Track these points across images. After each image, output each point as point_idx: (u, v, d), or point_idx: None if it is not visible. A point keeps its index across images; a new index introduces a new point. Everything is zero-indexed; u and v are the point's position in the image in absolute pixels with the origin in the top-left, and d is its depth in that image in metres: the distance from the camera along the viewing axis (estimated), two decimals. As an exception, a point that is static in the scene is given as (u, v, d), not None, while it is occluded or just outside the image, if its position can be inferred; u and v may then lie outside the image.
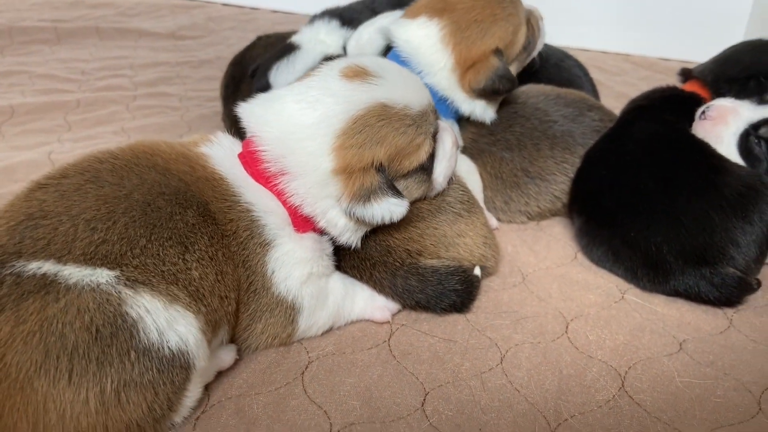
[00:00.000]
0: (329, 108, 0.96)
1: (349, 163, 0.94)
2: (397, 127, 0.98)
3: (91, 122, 1.95)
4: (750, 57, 1.44)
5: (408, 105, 1.00)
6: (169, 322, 0.80)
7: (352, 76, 0.99)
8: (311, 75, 1.04)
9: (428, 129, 1.04)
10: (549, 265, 1.35)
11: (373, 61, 1.04)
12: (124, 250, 0.81)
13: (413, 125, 1.00)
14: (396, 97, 0.99)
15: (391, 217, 0.98)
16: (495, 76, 1.32)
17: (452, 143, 1.13)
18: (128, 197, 0.86)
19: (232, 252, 0.93)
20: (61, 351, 0.73)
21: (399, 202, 0.98)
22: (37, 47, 2.65)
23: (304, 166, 0.95)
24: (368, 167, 0.95)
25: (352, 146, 0.94)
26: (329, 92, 0.97)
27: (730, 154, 1.27)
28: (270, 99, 1.02)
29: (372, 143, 0.95)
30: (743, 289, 1.19)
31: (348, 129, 0.95)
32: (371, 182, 0.95)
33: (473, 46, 1.33)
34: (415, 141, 1.00)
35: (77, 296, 0.75)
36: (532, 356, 1.07)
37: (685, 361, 1.06)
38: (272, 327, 1.01)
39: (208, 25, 3.16)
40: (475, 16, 1.33)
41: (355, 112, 0.95)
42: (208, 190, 0.94)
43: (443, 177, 1.13)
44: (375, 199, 0.96)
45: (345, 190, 0.95)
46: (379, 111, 0.96)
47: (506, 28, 1.35)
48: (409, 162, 1.02)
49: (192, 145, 1.02)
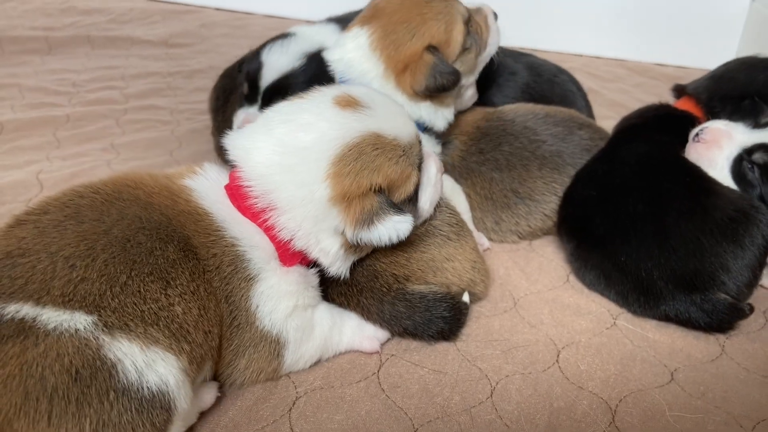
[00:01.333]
0: (324, 133, 0.95)
1: (347, 190, 0.94)
2: (391, 157, 0.98)
3: (81, 138, 1.93)
4: (744, 75, 1.42)
5: (398, 137, 1.00)
6: (148, 363, 0.80)
7: (345, 105, 0.99)
8: (301, 99, 1.03)
9: (414, 160, 1.04)
10: (540, 288, 1.34)
11: (363, 92, 1.04)
12: (103, 288, 0.81)
13: (404, 156, 1.00)
14: (387, 129, 0.99)
15: (398, 235, 0.97)
16: (434, 72, 1.26)
17: (437, 169, 1.13)
18: (108, 233, 0.85)
19: (214, 287, 0.92)
20: (40, 393, 0.73)
21: (403, 218, 0.97)
22: (28, 57, 2.62)
23: (294, 198, 0.94)
24: (367, 192, 0.95)
25: (349, 174, 0.94)
26: (323, 117, 0.97)
27: (723, 178, 1.26)
28: (254, 127, 1.01)
29: (369, 171, 0.95)
30: (735, 315, 1.18)
31: (344, 156, 0.94)
32: (372, 205, 0.95)
33: (402, 47, 1.27)
34: (405, 172, 1.01)
35: (56, 341, 0.75)
36: (522, 388, 1.06)
37: (676, 393, 1.05)
38: (256, 362, 0.99)
39: (200, 31, 3.13)
40: (402, 17, 1.28)
41: (351, 140, 0.95)
42: (191, 224, 0.93)
43: (429, 204, 1.13)
44: (379, 221, 0.95)
45: (347, 218, 0.95)
46: (374, 140, 0.97)
47: (437, 26, 1.29)
48: (399, 194, 1.02)
49: (177, 177, 1.01)
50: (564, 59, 2.83)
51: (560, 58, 2.82)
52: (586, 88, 2.14)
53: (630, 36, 2.84)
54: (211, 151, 1.84)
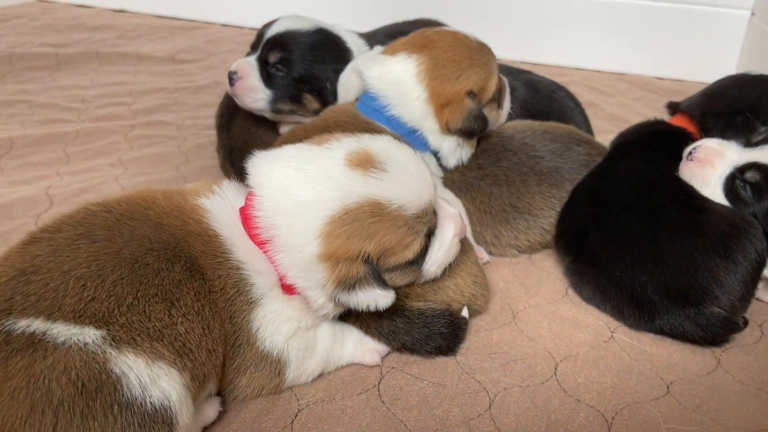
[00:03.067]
0: (325, 192, 0.95)
1: (335, 251, 0.94)
2: (388, 226, 0.96)
3: (90, 154, 1.97)
4: (737, 92, 1.45)
5: (404, 205, 0.98)
6: (152, 378, 0.82)
7: (357, 164, 0.97)
8: (317, 145, 1.03)
9: (421, 229, 1.01)
10: (539, 301, 1.36)
11: (384, 148, 1.01)
12: (111, 307, 0.84)
13: (404, 226, 0.98)
14: (392, 196, 0.97)
15: (377, 306, 0.99)
16: (470, 115, 1.36)
17: (454, 234, 1.09)
18: (118, 254, 0.88)
19: (219, 308, 0.95)
20: (46, 405, 0.75)
21: (385, 293, 0.98)
22: (38, 74, 2.68)
23: (287, 244, 0.96)
24: (355, 258, 0.95)
25: (340, 236, 0.94)
26: (329, 175, 0.96)
27: (716, 196, 1.28)
28: (277, 159, 1.02)
29: (361, 237, 0.95)
30: (729, 329, 1.20)
31: (338, 218, 0.94)
32: (357, 272, 0.95)
33: (448, 83, 1.36)
34: (404, 241, 0.99)
35: (64, 354, 0.78)
36: (520, 400, 1.08)
37: (672, 406, 1.07)
38: (257, 380, 1.02)
39: (206, 47, 3.18)
40: (453, 56, 1.37)
41: (348, 204, 0.94)
42: (198, 245, 0.95)
43: (437, 266, 1.09)
44: (360, 288, 0.96)
45: (330, 277, 0.95)
46: (372, 208, 0.95)
47: (480, 73, 1.39)
48: (395, 259, 1.00)
49: (192, 196, 1.02)
50: (565, 73, 2.87)
51: (561, 72, 2.87)
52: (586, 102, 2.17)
53: (630, 50, 2.87)
54: (216, 167, 1.88)
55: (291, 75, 1.61)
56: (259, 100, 1.63)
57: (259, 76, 1.62)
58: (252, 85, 1.62)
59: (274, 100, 1.63)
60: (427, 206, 1.02)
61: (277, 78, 1.62)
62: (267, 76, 1.62)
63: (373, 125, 1.39)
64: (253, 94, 1.63)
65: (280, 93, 1.63)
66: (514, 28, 2.98)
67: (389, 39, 1.77)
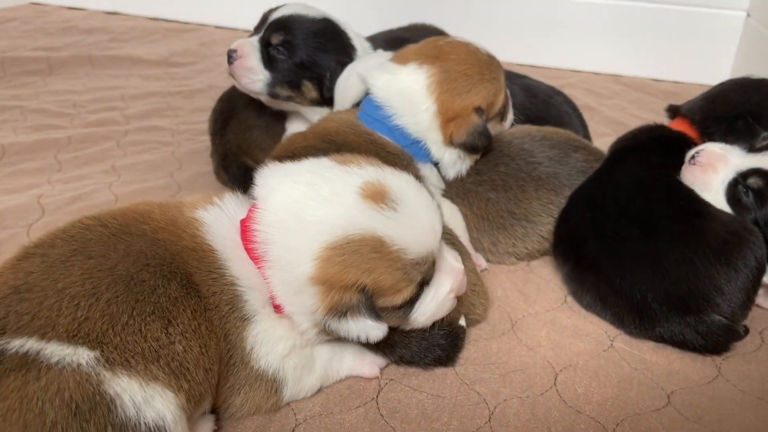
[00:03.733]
0: (331, 217, 0.92)
1: (331, 277, 0.91)
2: (386, 266, 0.93)
3: (82, 161, 1.95)
4: (738, 96, 1.44)
5: (405, 249, 0.94)
6: (146, 399, 0.81)
7: (369, 196, 0.94)
8: (338, 165, 1.00)
9: (415, 276, 0.97)
10: (538, 310, 1.35)
11: (401, 187, 0.97)
12: (105, 327, 0.82)
13: (401, 270, 0.94)
14: (397, 237, 0.93)
15: (367, 337, 0.96)
16: (475, 132, 1.36)
17: (450, 289, 1.05)
18: (113, 271, 0.86)
19: (214, 326, 0.93)
20: (39, 428, 0.73)
21: (377, 326, 0.95)
22: (30, 79, 2.65)
23: (283, 259, 0.93)
24: (351, 287, 0.92)
25: (339, 264, 0.91)
26: (339, 200, 0.93)
27: (718, 201, 1.27)
28: (290, 173, 1.00)
29: (359, 269, 0.91)
30: (729, 337, 1.19)
31: (339, 245, 0.91)
32: (351, 300, 0.92)
33: (458, 97, 1.36)
34: (397, 285, 0.95)
35: (58, 375, 0.76)
36: (520, 412, 1.07)
37: (673, 417, 1.06)
38: (252, 400, 1.00)
39: (200, 50, 3.16)
40: (466, 69, 1.37)
41: (351, 234, 0.91)
42: (193, 261, 0.93)
43: (427, 317, 1.05)
44: (352, 317, 0.93)
45: (322, 302, 0.92)
46: (375, 244, 0.92)
47: (489, 89, 1.39)
48: (384, 301, 0.97)
49: (189, 209, 1.00)
50: (561, 75, 2.86)
51: (557, 74, 2.86)
52: (583, 105, 2.16)
53: (626, 51, 2.86)
54: (210, 173, 1.86)
55: (292, 59, 1.59)
56: (257, 81, 1.60)
57: (259, 57, 1.59)
58: (251, 65, 1.59)
59: (272, 83, 1.60)
60: (427, 255, 0.98)
61: (277, 61, 1.59)
62: (268, 58, 1.59)
63: (374, 137, 1.38)
64: (251, 75, 1.60)
65: (279, 77, 1.60)
66: (511, 31, 2.97)
67: (387, 44, 1.76)
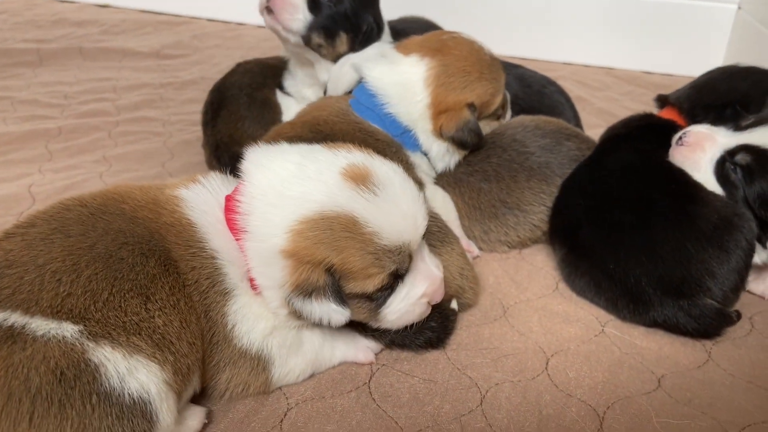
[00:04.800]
0: (310, 192, 0.92)
1: (301, 251, 0.91)
2: (357, 247, 0.92)
3: (73, 151, 1.94)
4: (726, 84, 1.45)
5: (379, 233, 0.93)
6: (129, 369, 0.81)
7: (351, 177, 0.94)
8: (328, 149, 1.00)
9: (388, 265, 0.95)
10: (530, 296, 1.35)
11: (386, 174, 0.97)
12: (87, 303, 0.83)
13: (372, 255, 0.93)
14: (372, 220, 0.92)
15: (329, 321, 0.95)
16: (465, 127, 1.37)
17: (424, 293, 1.03)
18: (92, 248, 0.87)
19: (194, 302, 0.93)
20: (24, 394, 0.75)
21: (340, 310, 0.94)
22: (20, 70, 2.63)
23: (259, 231, 0.93)
24: (318, 264, 0.91)
25: (310, 238, 0.91)
26: (321, 178, 0.94)
27: (707, 180, 1.28)
28: (283, 151, 1.00)
29: (329, 247, 0.91)
30: (722, 321, 1.20)
31: (312, 220, 0.91)
32: (317, 280, 0.91)
33: (452, 93, 1.37)
34: (368, 269, 0.93)
35: (44, 345, 0.78)
36: (512, 396, 1.08)
37: (663, 400, 1.07)
38: (238, 377, 0.99)
39: (192, 42, 3.14)
40: (465, 66, 1.39)
41: (327, 210, 0.91)
42: (171, 237, 0.94)
43: (396, 316, 1.03)
44: (316, 298, 0.92)
45: (288, 277, 0.92)
46: (348, 223, 0.91)
47: (487, 88, 1.42)
48: (354, 285, 0.95)
49: (171, 188, 1.01)
50: (553, 68, 2.87)
51: (550, 67, 2.86)
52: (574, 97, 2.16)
53: (617, 44, 2.87)
54: (202, 163, 1.85)
55: (337, 8, 1.59)
56: (296, 20, 1.59)
57: None
58: (296, 2, 1.58)
59: (311, 26, 1.60)
60: (403, 246, 0.96)
61: (323, 6, 1.59)
62: (314, 1, 1.59)
63: (363, 125, 1.38)
64: (292, 12, 1.58)
65: (320, 21, 1.59)
66: (503, 24, 2.98)
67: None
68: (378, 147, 1.37)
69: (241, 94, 1.78)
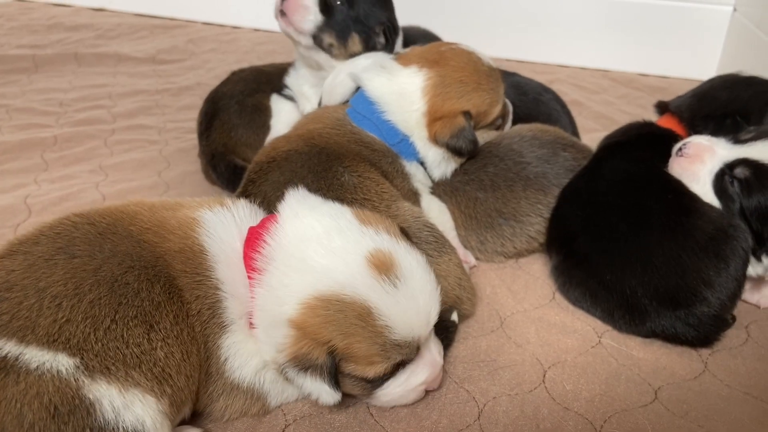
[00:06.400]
0: (331, 270, 0.90)
1: (308, 326, 0.89)
2: (366, 337, 0.89)
3: (69, 160, 1.93)
4: (727, 94, 1.44)
5: (392, 327, 0.90)
6: (125, 404, 0.81)
7: (374, 264, 0.91)
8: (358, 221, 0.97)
9: (394, 357, 0.93)
10: (527, 307, 1.35)
11: (409, 265, 0.94)
12: (87, 332, 0.81)
13: (380, 345, 0.91)
14: (386, 313, 0.90)
15: (318, 398, 0.95)
16: (460, 134, 1.37)
17: (424, 381, 1.01)
18: (97, 272, 0.85)
19: (196, 332, 0.92)
20: (17, 428, 0.74)
21: (331, 393, 0.92)
22: (16, 77, 2.63)
23: (273, 288, 0.91)
24: (322, 344, 0.89)
25: (320, 316, 0.88)
26: (345, 258, 0.91)
27: (705, 192, 1.28)
28: (316, 208, 0.99)
29: (337, 330, 0.88)
30: (719, 327, 1.20)
31: (327, 300, 0.89)
32: (317, 358, 0.89)
33: (448, 101, 1.38)
34: (371, 358, 0.91)
35: (37, 380, 0.77)
36: (509, 410, 1.08)
37: (660, 413, 1.07)
38: (232, 407, 0.99)
39: (188, 47, 3.14)
40: (461, 77, 1.40)
41: (344, 295, 0.89)
42: (178, 264, 0.92)
43: (389, 398, 1.02)
44: (311, 374, 0.91)
45: (288, 348, 0.90)
46: (362, 313, 0.89)
47: (484, 98, 1.43)
48: (354, 369, 0.93)
49: (192, 208, 0.99)
50: (550, 70, 2.87)
51: (546, 69, 2.86)
52: (571, 101, 2.17)
53: (614, 46, 2.87)
54: (198, 172, 1.85)
55: (349, 12, 1.61)
56: (308, 21, 1.60)
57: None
58: (307, 3, 1.59)
59: (322, 27, 1.61)
60: (413, 340, 0.94)
61: (335, 9, 1.61)
62: (325, 4, 1.60)
63: (360, 135, 1.38)
64: (304, 13, 1.59)
65: (331, 24, 1.61)
66: (500, 26, 2.97)
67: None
68: (374, 157, 1.38)
69: (232, 102, 1.79)
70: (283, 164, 1.30)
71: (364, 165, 1.34)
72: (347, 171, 1.29)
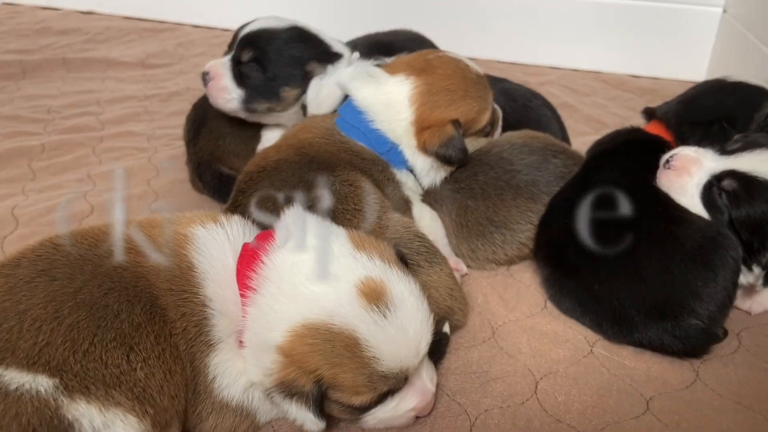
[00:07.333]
0: (320, 297, 0.89)
1: (295, 354, 0.88)
2: (353, 367, 0.88)
3: (57, 169, 1.91)
4: (713, 101, 1.44)
5: (379, 359, 0.89)
6: (105, 424, 0.80)
7: (365, 293, 0.90)
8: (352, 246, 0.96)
9: (380, 387, 0.92)
10: (519, 316, 1.35)
11: (401, 295, 0.92)
12: (66, 354, 0.81)
13: (366, 376, 0.90)
14: (374, 344, 0.88)
15: (302, 425, 0.94)
16: (450, 143, 1.37)
17: (413, 408, 1.00)
18: (76, 294, 0.85)
19: (180, 351, 0.91)
20: None
21: (316, 422, 0.91)
22: (3, 83, 2.59)
23: (264, 311, 0.91)
24: (309, 373, 0.88)
25: (308, 345, 0.87)
26: (337, 287, 0.90)
27: (693, 205, 1.27)
28: (313, 229, 0.97)
29: (324, 360, 0.88)
30: (708, 340, 1.20)
31: (314, 329, 0.88)
32: (303, 386, 0.88)
33: (436, 110, 1.38)
34: (357, 388, 0.90)
35: (16, 401, 0.76)
36: (501, 423, 1.07)
37: (651, 424, 1.07)
38: (222, 426, 0.98)
39: (177, 51, 3.11)
40: (449, 85, 1.39)
41: (333, 325, 0.88)
42: (162, 282, 0.92)
43: (375, 424, 1.01)
44: (296, 402, 0.90)
45: (275, 374, 0.89)
46: (350, 344, 0.88)
47: (473, 106, 1.42)
48: (340, 396, 0.92)
49: (183, 225, 0.98)
50: (540, 72, 2.87)
51: (537, 71, 2.86)
52: (562, 103, 2.17)
53: (605, 48, 2.87)
54: (188, 181, 1.83)
55: (264, 73, 1.58)
56: (231, 100, 1.60)
57: (231, 76, 1.59)
58: (224, 85, 1.59)
59: (247, 99, 1.60)
60: (401, 372, 0.93)
61: (250, 77, 1.59)
62: (239, 75, 1.59)
63: (349, 144, 1.38)
64: (225, 95, 1.60)
65: (253, 93, 1.60)
66: (491, 28, 2.96)
67: (368, 48, 1.75)
68: (364, 166, 1.37)
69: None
70: (274, 174, 1.30)
71: (355, 174, 1.33)
72: (338, 180, 1.29)
